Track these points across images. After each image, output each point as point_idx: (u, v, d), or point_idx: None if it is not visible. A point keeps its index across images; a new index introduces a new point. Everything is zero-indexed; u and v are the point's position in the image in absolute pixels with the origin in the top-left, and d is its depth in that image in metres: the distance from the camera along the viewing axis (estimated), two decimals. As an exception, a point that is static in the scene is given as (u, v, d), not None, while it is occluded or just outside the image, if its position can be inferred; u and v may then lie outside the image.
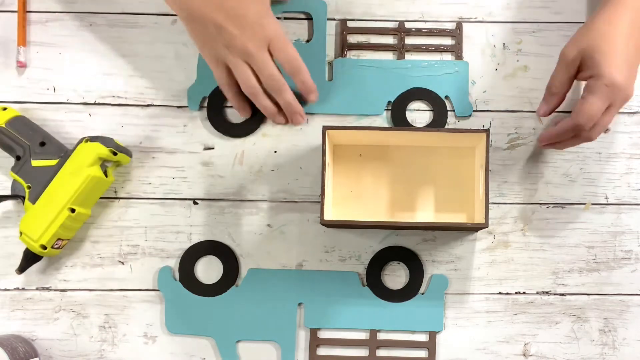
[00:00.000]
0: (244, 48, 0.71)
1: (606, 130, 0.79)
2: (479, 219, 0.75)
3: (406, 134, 0.76)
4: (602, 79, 0.69)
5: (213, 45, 0.73)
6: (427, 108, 0.81)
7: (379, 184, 0.79)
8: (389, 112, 0.81)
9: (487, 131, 0.73)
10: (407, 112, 0.80)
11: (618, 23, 0.70)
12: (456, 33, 0.81)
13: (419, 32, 0.81)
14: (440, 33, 0.81)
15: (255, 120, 0.80)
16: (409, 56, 0.81)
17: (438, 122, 0.80)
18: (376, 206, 0.79)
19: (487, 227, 0.74)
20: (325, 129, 0.73)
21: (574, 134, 0.73)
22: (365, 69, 0.81)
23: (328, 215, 0.74)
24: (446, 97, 0.80)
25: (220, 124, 0.80)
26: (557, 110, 0.77)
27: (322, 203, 0.72)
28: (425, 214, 0.78)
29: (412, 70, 0.81)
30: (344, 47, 0.81)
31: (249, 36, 0.71)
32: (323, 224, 0.73)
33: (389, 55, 0.81)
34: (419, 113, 0.81)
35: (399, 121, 0.80)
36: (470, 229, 0.77)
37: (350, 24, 0.81)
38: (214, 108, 0.80)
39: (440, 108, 0.80)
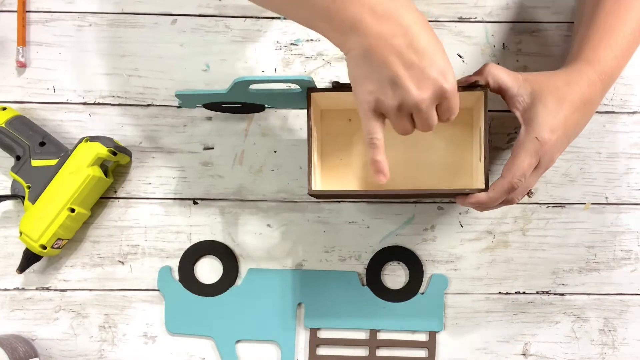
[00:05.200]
0: (416, 106, 0.60)
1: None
2: (478, 184, 0.70)
3: None
4: (533, 131, 0.65)
5: (379, 95, 0.60)
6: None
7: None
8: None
9: (485, 88, 0.68)
10: None
11: (575, 89, 0.66)
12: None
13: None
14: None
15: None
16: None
17: None
18: (368, 175, 0.74)
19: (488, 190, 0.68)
20: (310, 91, 0.68)
21: (506, 197, 0.67)
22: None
23: (317, 185, 0.68)
24: None
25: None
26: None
27: (309, 172, 0.67)
28: (421, 181, 0.74)
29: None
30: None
31: (426, 94, 0.59)
32: (311, 195, 0.69)
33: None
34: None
35: None
36: (470, 194, 0.70)
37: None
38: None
39: None
